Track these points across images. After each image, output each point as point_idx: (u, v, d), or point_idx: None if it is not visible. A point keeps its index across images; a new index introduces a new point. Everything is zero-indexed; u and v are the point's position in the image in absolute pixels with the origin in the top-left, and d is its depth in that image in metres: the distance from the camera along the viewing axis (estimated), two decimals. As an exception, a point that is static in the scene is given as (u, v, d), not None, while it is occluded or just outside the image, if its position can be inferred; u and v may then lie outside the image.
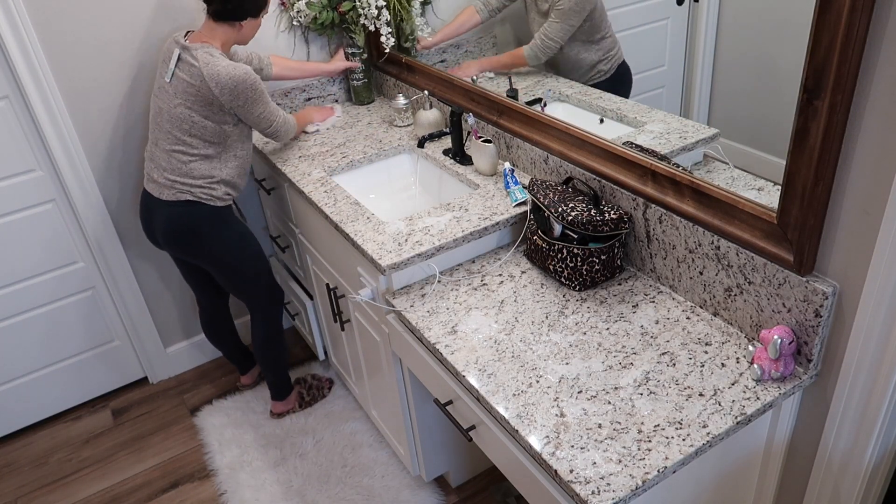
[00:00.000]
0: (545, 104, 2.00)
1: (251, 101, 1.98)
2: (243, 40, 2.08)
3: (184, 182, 2.03)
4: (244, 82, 1.94)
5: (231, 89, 1.93)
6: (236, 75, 1.92)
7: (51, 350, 2.57)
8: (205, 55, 1.93)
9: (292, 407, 2.52)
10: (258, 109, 2.02)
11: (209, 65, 1.92)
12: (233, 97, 1.94)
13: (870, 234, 1.17)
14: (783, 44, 1.41)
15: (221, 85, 1.92)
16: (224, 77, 1.91)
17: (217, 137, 2.01)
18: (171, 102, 1.98)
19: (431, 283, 1.73)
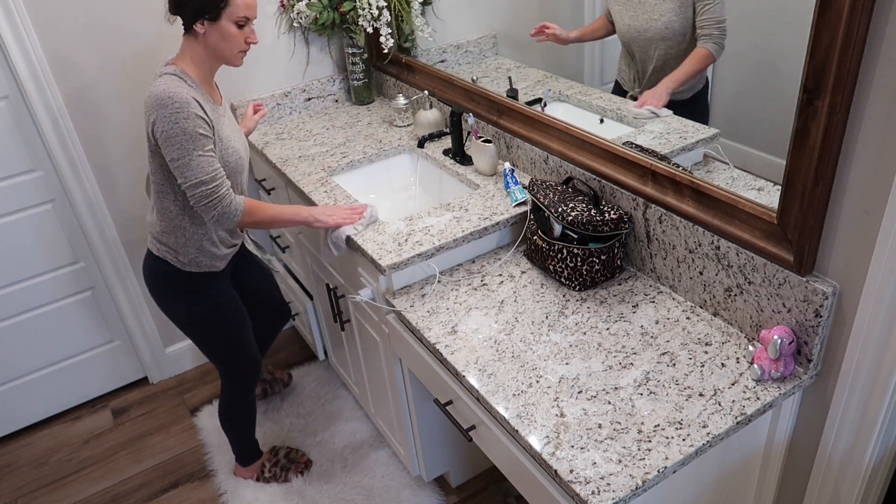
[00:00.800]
0: (545, 104, 2.00)
1: (165, 136, 1.55)
2: (220, 56, 1.68)
3: (152, 232, 1.78)
4: (165, 107, 1.53)
5: (154, 112, 1.56)
6: (160, 96, 1.54)
7: (51, 350, 2.57)
8: (156, 77, 1.62)
9: (252, 475, 2.29)
10: (172, 153, 1.57)
11: (152, 83, 1.60)
12: (153, 124, 1.57)
13: (870, 234, 1.17)
14: (783, 44, 1.41)
15: (148, 105, 1.57)
16: (151, 96, 1.57)
17: (169, 186, 1.68)
18: None
19: (431, 283, 1.73)
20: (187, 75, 1.64)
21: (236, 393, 2.10)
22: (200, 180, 1.60)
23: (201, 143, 1.59)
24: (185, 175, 1.60)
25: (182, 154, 1.57)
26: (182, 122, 1.55)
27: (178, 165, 1.59)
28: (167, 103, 1.54)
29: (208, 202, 1.63)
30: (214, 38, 1.64)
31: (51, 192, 2.34)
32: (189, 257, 1.78)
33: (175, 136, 1.56)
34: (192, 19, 1.61)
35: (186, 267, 1.79)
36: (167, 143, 1.57)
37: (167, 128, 1.55)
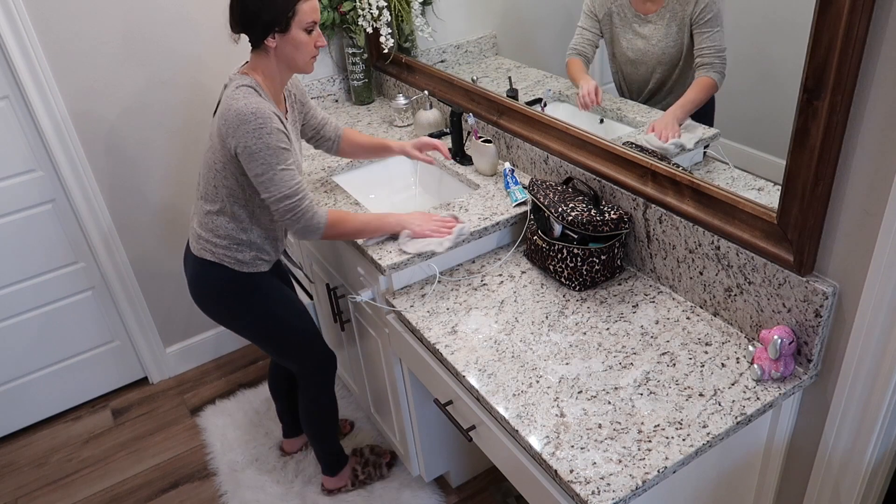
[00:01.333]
0: (545, 104, 2.00)
1: (249, 151, 1.55)
2: (293, 66, 1.65)
3: (208, 240, 1.74)
4: (247, 124, 1.53)
5: (234, 129, 1.55)
6: (242, 113, 1.54)
7: (51, 350, 2.57)
8: (233, 88, 1.60)
9: (345, 484, 2.21)
10: (256, 168, 1.57)
11: (228, 98, 1.59)
12: (234, 140, 1.57)
13: (870, 234, 1.17)
14: (783, 44, 1.41)
15: (227, 122, 1.57)
16: (231, 112, 1.55)
17: (242, 195, 1.68)
18: (207, 146, 1.70)
19: (431, 284, 1.73)
20: (262, 88, 1.63)
21: (319, 388, 2.03)
22: (284, 194, 1.60)
23: (283, 157, 1.58)
24: (270, 190, 1.60)
25: (265, 169, 1.57)
26: (265, 138, 1.55)
27: (263, 181, 1.58)
28: (250, 119, 1.54)
29: (293, 216, 1.62)
30: (287, 49, 1.61)
31: (51, 192, 2.34)
32: (248, 259, 1.76)
33: (258, 151, 1.55)
34: (263, 35, 1.58)
35: (245, 268, 1.77)
36: (250, 158, 1.56)
37: (250, 143, 1.55)
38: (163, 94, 2.36)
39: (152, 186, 2.48)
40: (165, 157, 2.46)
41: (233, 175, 1.65)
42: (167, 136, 2.43)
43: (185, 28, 2.30)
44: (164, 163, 2.47)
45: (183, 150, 2.48)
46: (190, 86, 2.40)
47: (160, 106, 2.38)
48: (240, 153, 1.57)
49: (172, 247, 2.62)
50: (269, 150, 1.56)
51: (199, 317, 2.80)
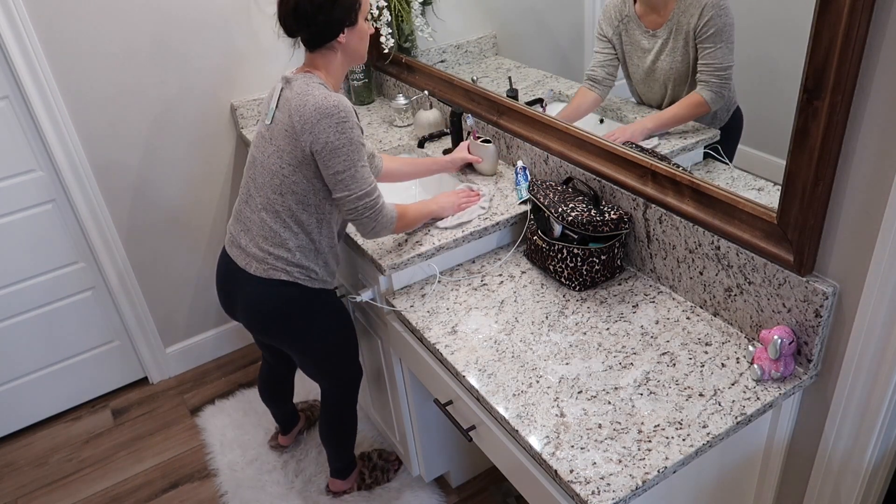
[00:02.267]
0: (545, 104, 2.00)
1: (331, 147, 1.50)
2: (356, 58, 1.64)
3: (279, 255, 1.64)
4: (330, 117, 1.48)
5: (313, 124, 1.49)
6: (323, 107, 1.48)
7: (51, 350, 2.57)
8: (302, 85, 1.55)
9: (351, 486, 2.20)
10: (337, 164, 1.51)
11: (301, 94, 1.52)
12: (312, 136, 1.50)
13: (870, 234, 1.17)
14: (783, 44, 1.41)
15: (305, 118, 1.50)
16: (310, 107, 1.49)
17: (313, 198, 1.60)
18: (266, 150, 1.60)
19: (432, 284, 1.73)
20: (328, 87, 1.59)
21: (346, 402, 2.00)
22: (365, 192, 1.56)
23: (363, 153, 1.55)
24: (350, 188, 1.54)
25: (348, 166, 1.52)
26: (349, 132, 1.50)
27: (344, 178, 1.53)
28: (332, 112, 1.49)
29: (371, 213, 1.58)
30: (354, 41, 1.60)
31: (51, 192, 2.34)
32: (319, 273, 1.70)
33: (341, 147, 1.50)
34: (337, 33, 1.55)
35: (316, 283, 1.71)
36: (332, 154, 1.51)
37: (333, 138, 1.49)
38: (163, 93, 2.36)
39: (152, 186, 2.48)
40: (166, 156, 2.46)
41: (305, 178, 1.57)
42: (168, 136, 2.43)
43: (186, 27, 2.30)
44: (165, 162, 2.47)
45: (184, 149, 2.48)
46: (191, 85, 2.40)
47: (160, 105, 2.38)
48: (318, 150, 1.51)
49: (173, 247, 2.62)
50: (353, 146, 1.51)
51: (199, 317, 2.80)
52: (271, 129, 1.60)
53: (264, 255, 1.65)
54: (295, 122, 1.52)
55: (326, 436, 2.08)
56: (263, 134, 1.63)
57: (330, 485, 2.21)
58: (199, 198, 2.59)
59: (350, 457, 2.17)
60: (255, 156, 1.66)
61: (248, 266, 1.68)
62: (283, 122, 1.56)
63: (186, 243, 2.64)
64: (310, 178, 1.58)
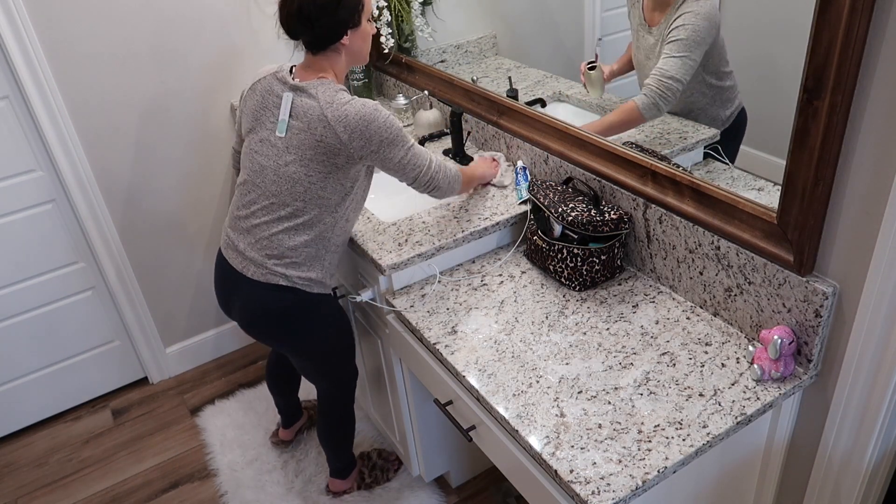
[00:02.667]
0: (545, 104, 2.00)
1: (387, 142, 1.57)
2: (358, 59, 1.67)
3: (280, 262, 1.65)
4: (376, 120, 1.54)
5: (362, 131, 1.53)
6: (366, 113, 1.53)
7: (51, 350, 2.57)
8: (327, 93, 1.55)
9: (351, 486, 2.21)
10: (398, 153, 1.59)
11: (333, 104, 1.54)
12: (365, 141, 1.54)
13: (870, 234, 1.17)
14: (783, 44, 1.41)
15: (351, 128, 1.52)
16: (353, 117, 1.52)
17: (339, 200, 1.63)
18: (282, 160, 1.59)
19: (431, 283, 1.73)
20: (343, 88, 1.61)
21: (345, 401, 2.01)
22: (429, 161, 1.67)
23: (408, 135, 1.65)
24: (418, 165, 1.65)
25: (406, 150, 1.62)
26: (394, 122, 1.58)
27: (408, 160, 1.62)
28: (375, 115, 1.54)
29: (442, 176, 1.71)
30: (357, 42, 1.62)
31: (51, 192, 2.34)
32: (318, 277, 1.71)
33: (395, 137, 1.58)
34: (342, 35, 1.57)
35: (316, 288, 1.72)
36: (390, 147, 1.58)
37: (386, 135, 1.56)
38: (163, 93, 2.36)
39: (153, 186, 2.48)
40: (166, 156, 2.46)
41: (333, 184, 1.60)
42: (168, 136, 2.43)
43: (187, 27, 2.30)
44: (165, 162, 2.47)
45: (185, 148, 2.48)
46: (191, 85, 2.40)
47: (161, 106, 2.37)
48: (374, 150, 1.57)
49: (173, 246, 2.62)
50: (402, 132, 1.60)
51: (199, 317, 2.80)
52: (286, 140, 1.59)
53: (263, 261, 1.65)
54: (339, 132, 1.53)
55: (325, 437, 2.09)
56: (274, 143, 1.61)
57: (330, 485, 2.21)
58: (200, 198, 2.59)
59: (349, 456, 2.17)
60: (263, 165, 1.62)
61: (245, 270, 1.68)
62: (314, 133, 1.55)
63: (186, 243, 2.64)
64: (339, 182, 1.61)
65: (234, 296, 1.75)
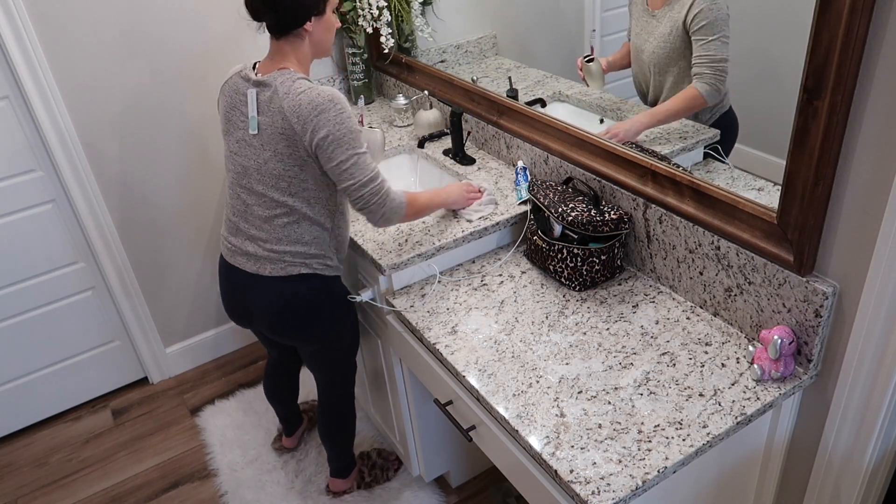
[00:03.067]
0: (545, 104, 2.00)
1: (333, 139, 1.49)
2: (321, 49, 1.64)
3: (296, 251, 1.63)
4: (327, 111, 1.48)
5: (313, 120, 1.48)
6: (319, 102, 1.48)
7: (51, 350, 2.57)
8: (284, 84, 1.53)
9: (351, 486, 2.21)
10: (340, 154, 1.51)
11: (290, 94, 1.50)
12: (312, 132, 1.49)
13: (870, 234, 1.17)
14: (783, 44, 1.41)
15: (303, 117, 1.49)
16: (306, 105, 1.48)
17: (324, 192, 1.61)
18: (261, 157, 1.58)
19: (432, 283, 1.73)
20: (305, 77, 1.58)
21: (346, 400, 2.01)
22: (370, 177, 1.55)
23: (362, 141, 1.55)
24: (355, 176, 1.53)
25: (351, 154, 1.52)
26: (347, 122, 1.50)
27: (348, 167, 1.53)
28: (329, 107, 1.49)
29: (378, 199, 1.57)
30: (320, 32, 1.59)
31: (51, 192, 2.34)
32: (334, 260, 1.71)
33: (343, 136, 1.50)
34: (304, 20, 1.54)
35: (333, 272, 1.72)
36: (334, 145, 1.50)
37: (334, 129, 1.49)
38: (164, 93, 2.36)
39: (153, 186, 2.48)
40: (166, 156, 2.46)
41: (312, 175, 1.57)
42: (168, 135, 2.43)
43: (188, 26, 2.30)
44: (165, 162, 2.47)
45: (185, 148, 2.48)
46: (192, 84, 2.40)
47: (161, 105, 2.38)
48: (319, 144, 1.50)
49: (173, 246, 2.62)
50: (352, 134, 1.52)
51: (199, 317, 2.80)
52: (260, 136, 1.57)
53: (279, 256, 1.64)
54: (293, 123, 1.50)
55: (327, 437, 2.08)
56: (250, 142, 1.59)
57: (330, 484, 2.21)
58: (200, 198, 2.59)
59: (350, 455, 2.17)
60: (245, 165, 1.61)
61: (261, 270, 1.66)
62: (277, 126, 1.53)
63: (187, 243, 2.64)
64: (317, 176, 1.58)
65: (252, 300, 1.72)
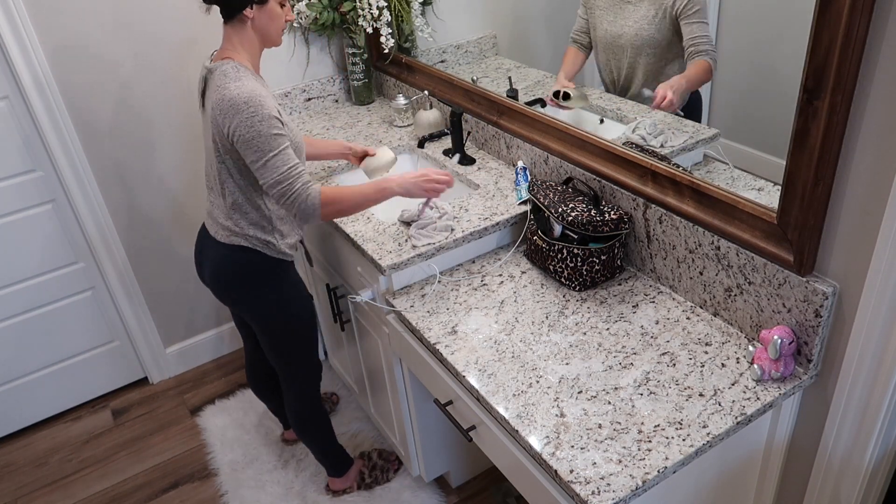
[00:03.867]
0: (545, 104, 2.00)
1: (244, 140, 1.56)
2: (267, 38, 1.68)
3: (238, 227, 1.73)
4: (240, 112, 1.54)
5: (228, 116, 1.56)
6: (236, 102, 1.54)
7: (51, 350, 2.57)
8: (220, 76, 1.59)
9: (350, 486, 2.23)
10: (251, 154, 1.58)
11: (219, 87, 1.58)
12: (230, 128, 1.56)
13: (870, 234, 1.17)
14: (783, 44, 1.41)
15: (223, 111, 1.56)
16: (226, 101, 1.55)
17: (248, 178, 1.68)
18: (206, 142, 1.70)
19: (432, 284, 1.73)
20: (245, 68, 1.63)
21: (306, 400, 2.03)
22: (276, 180, 1.60)
23: (276, 144, 1.58)
24: (264, 177, 1.60)
25: (258, 157, 1.58)
26: (257, 126, 1.55)
27: (257, 168, 1.59)
28: (242, 108, 1.54)
29: (286, 200, 1.62)
30: (263, 20, 1.63)
31: (51, 192, 2.34)
32: (278, 244, 1.77)
33: (251, 139, 1.56)
34: (242, 5, 1.58)
35: (275, 254, 1.78)
36: (245, 146, 1.57)
37: (243, 132, 1.55)
38: (164, 93, 2.36)
39: (152, 185, 2.48)
40: (166, 156, 2.46)
41: (234, 164, 1.65)
42: (168, 136, 2.43)
43: (189, 26, 2.30)
44: (165, 161, 2.47)
45: (184, 148, 2.48)
46: (191, 86, 2.40)
47: (161, 105, 2.38)
48: (235, 141, 1.58)
49: (173, 246, 2.62)
50: (262, 139, 1.56)
51: (199, 317, 2.80)
52: (204, 119, 1.68)
53: (224, 227, 1.74)
54: (216, 115, 1.58)
55: (301, 437, 2.09)
56: (204, 125, 1.70)
57: (329, 484, 2.22)
58: (200, 197, 2.59)
59: (336, 453, 2.16)
60: (205, 146, 1.73)
61: (216, 234, 1.77)
62: (209, 115, 1.62)
63: (187, 243, 2.64)
64: (240, 166, 1.66)
65: (204, 259, 1.84)
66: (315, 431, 2.08)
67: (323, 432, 2.10)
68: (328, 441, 2.13)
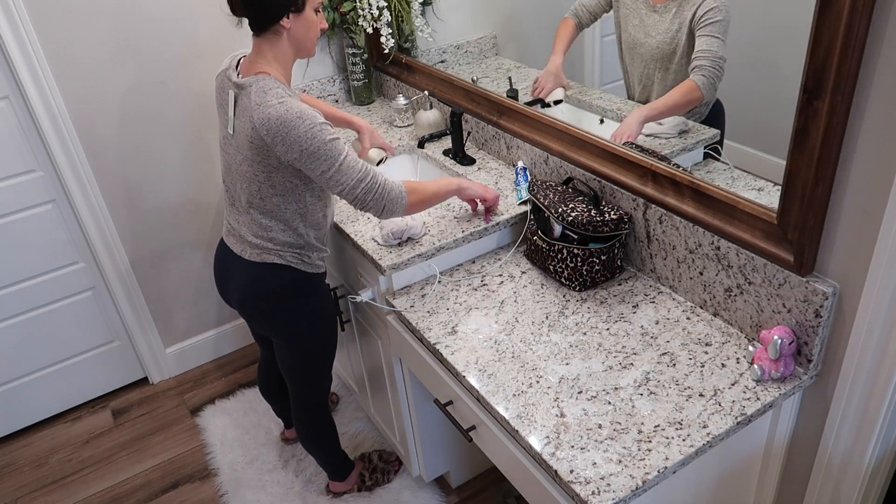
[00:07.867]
0: (545, 104, 2.00)
1: (308, 153, 1.51)
2: (302, 49, 1.62)
3: (270, 247, 1.69)
4: (296, 128, 1.49)
5: (283, 136, 1.50)
6: (288, 119, 1.49)
7: (51, 350, 2.57)
8: (258, 93, 1.52)
9: (351, 487, 2.22)
10: (319, 166, 1.53)
11: (260, 106, 1.51)
12: (286, 147, 1.51)
13: (870, 234, 1.17)
14: (783, 44, 1.41)
15: (273, 131, 1.50)
16: (275, 121, 1.49)
17: (292, 195, 1.63)
18: (236, 158, 1.62)
19: (432, 284, 1.73)
20: (281, 83, 1.57)
21: (320, 411, 2.00)
22: (357, 178, 1.56)
23: (341, 147, 1.55)
24: (342, 182, 1.56)
25: (330, 165, 1.54)
26: (318, 136, 1.50)
27: (331, 176, 1.55)
28: (298, 123, 1.49)
29: (374, 195, 1.59)
30: (300, 30, 1.57)
31: (51, 192, 2.34)
32: (312, 258, 1.74)
33: (316, 150, 1.51)
34: (280, 15, 1.52)
35: (311, 269, 1.75)
36: (311, 160, 1.52)
37: (306, 146, 1.50)
38: (164, 93, 2.36)
39: (153, 185, 2.48)
40: (166, 155, 2.46)
41: (280, 181, 1.59)
42: (168, 135, 2.43)
43: (189, 25, 2.30)
44: (165, 162, 2.47)
45: (184, 148, 2.48)
46: (190, 85, 2.40)
47: (161, 105, 2.38)
48: (296, 158, 1.52)
49: (173, 246, 2.62)
50: (327, 146, 1.52)
51: (199, 317, 2.80)
52: (235, 138, 1.60)
53: (259, 242, 1.69)
54: (263, 135, 1.51)
55: (305, 443, 2.08)
56: (229, 141, 1.63)
57: (330, 485, 2.22)
58: (199, 197, 2.59)
59: (339, 458, 2.15)
60: (228, 162, 1.67)
61: (243, 252, 1.72)
62: (247, 133, 1.54)
63: (186, 243, 2.64)
64: (286, 178, 1.59)
65: (231, 279, 1.79)
66: (322, 440, 2.07)
67: (329, 442, 2.09)
68: (334, 452, 2.12)
